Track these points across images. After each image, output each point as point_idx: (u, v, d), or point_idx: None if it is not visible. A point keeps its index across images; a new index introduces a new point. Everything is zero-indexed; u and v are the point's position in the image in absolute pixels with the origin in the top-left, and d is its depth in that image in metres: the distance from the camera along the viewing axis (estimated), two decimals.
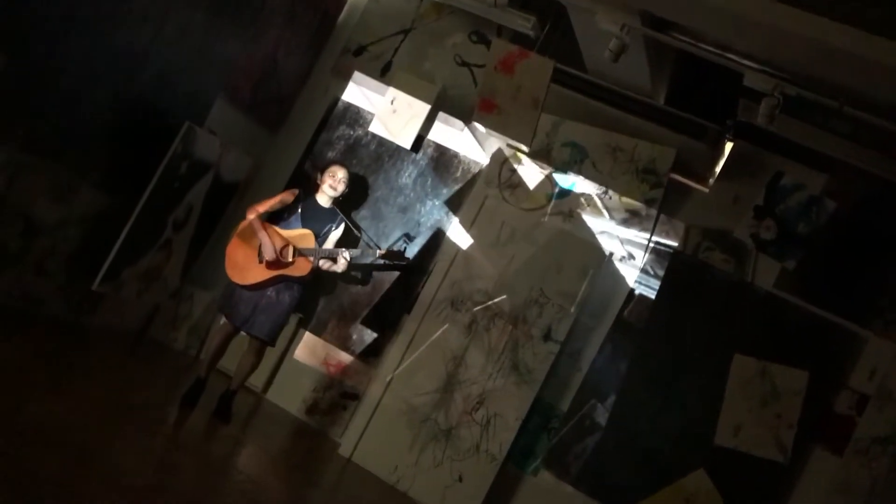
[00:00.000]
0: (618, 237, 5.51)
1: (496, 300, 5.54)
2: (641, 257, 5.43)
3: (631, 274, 5.47)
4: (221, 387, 5.19)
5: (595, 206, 5.56)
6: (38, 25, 4.28)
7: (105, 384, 4.84)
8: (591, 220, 5.61)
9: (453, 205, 5.97)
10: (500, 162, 5.81)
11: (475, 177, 5.96)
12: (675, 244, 5.41)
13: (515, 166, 5.76)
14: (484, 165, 5.94)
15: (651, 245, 5.40)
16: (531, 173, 5.73)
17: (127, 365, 5.51)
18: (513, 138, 4.77)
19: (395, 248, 5.51)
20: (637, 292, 5.41)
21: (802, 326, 4.98)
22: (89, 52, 4.66)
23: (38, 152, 4.68)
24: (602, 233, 5.58)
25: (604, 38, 4.45)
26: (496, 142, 5.77)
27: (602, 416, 5.24)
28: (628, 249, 5.51)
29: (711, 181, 5.54)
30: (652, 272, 5.41)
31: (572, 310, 5.40)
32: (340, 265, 5.18)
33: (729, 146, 5.49)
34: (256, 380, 5.80)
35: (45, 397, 3.95)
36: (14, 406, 3.62)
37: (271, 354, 5.67)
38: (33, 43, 4.25)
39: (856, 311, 4.98)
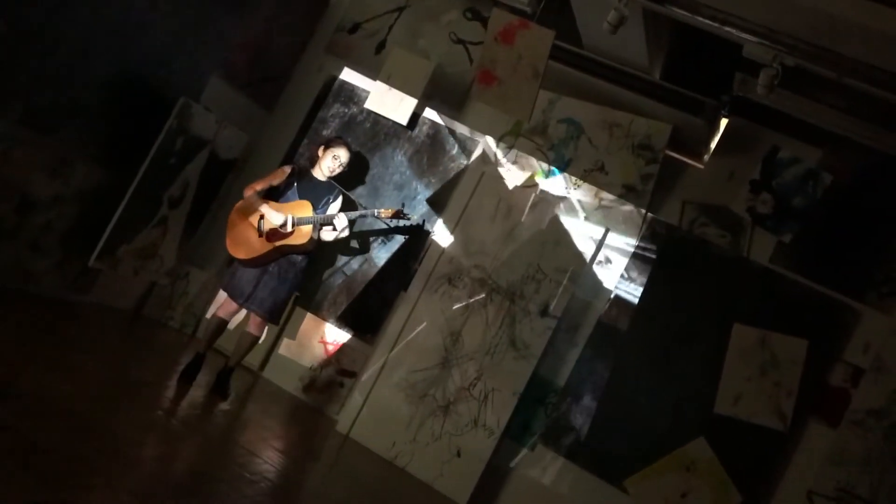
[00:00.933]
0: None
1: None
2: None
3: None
4: (219, 364, 5.20)
5: (591, 181, 5.56)
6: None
7: (103, 360, 4.83)
8: (587, 196, 5.62)
9: (449, 184, 5.98)
10: (497, 138, 5.81)
11: (473, 152, 5.97)
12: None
13: (512, 143, 5.76)
14: (480, 142, 5.94)
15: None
16: (527, 150, 5.73)
17: (124, 342, 5.50)
18: (512, 112, 4.76)
19: (396, 208, 5.50)
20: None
21: (797, 300, 5.01)
22: (86, 25, 4.62)
23: (34, 127, 4.64)
24: (598, 208, 5.59)
25: (602, 11, 4.44)
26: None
27: (599, 390, 5.27)
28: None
29: (706, 157, 5.56)
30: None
31: (567, 283, 5.42)
32: (340, 225, 5.15)
33: (724, 122, 5.51)
34: (253, 358, 5.81)
35: (45, 372, 3.94)
36: (14, 380, 3.61)
37: (268, 332, 5.67)
38: (31, 14, 4.21)
39: (851, 285, 5.02)
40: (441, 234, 5.84)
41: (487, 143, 5.90)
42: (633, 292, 5.37)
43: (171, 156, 5.38)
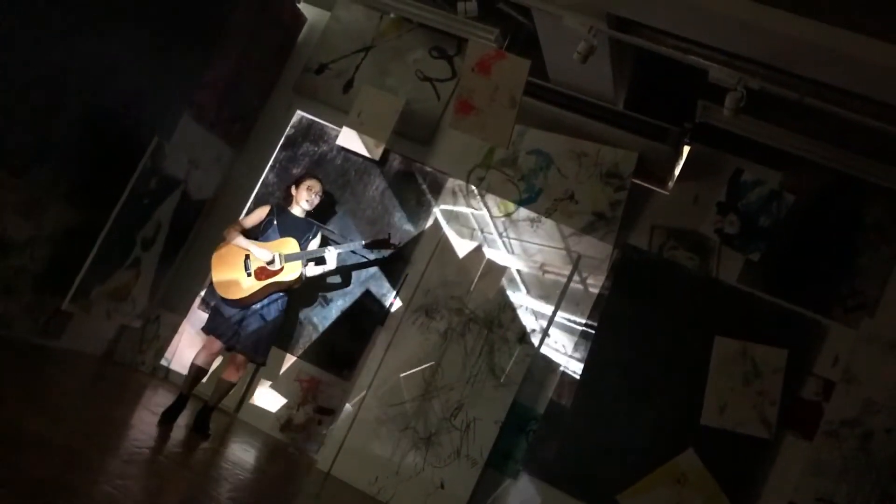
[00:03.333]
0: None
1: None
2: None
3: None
4: (196, 406, 5.14)
5: (562, 210, 5.68)
6: (8, 38, 4.24)
7: (81, 401, 4.76)
8: (558, 225, 5.74)
9: (422, 216, 6.05)
10: (468, 171, 5.91)
11: (443, 187, 6.06)
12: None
13: (483, 175, 5.88)
14: (451, 176, 6.04)
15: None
16: (498, 181, 5.84)
17: (98, 385, 5.40)
18: (490, 140, 4.88)
19: (379, 238, 5.53)
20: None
21: (767, 317, 5.16)
22: (58, 65, 4.63)
23: (7, 168, 4.60)
24: (570, 236, 5.70)
25: (568, 44, 4.62)
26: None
27: (579, 415, 5.32)
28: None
29: (671, 183, 5.74)
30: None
31: (538, 313, 5.50)
32: (330, 261, 5.18)
33: (686, 149, 5.71)
34: (228, 400, 5.72)
35: (24, 410, 3.86)
36: None
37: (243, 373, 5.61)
38: (2, 56, 4.20)
39: (817, 300, 5.19)
40: (416, 266, 5.88)
41: (459, 175, 5.99)
42: (608, 316, 5.46)
43: (145, 196, 5.37)
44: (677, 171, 5.71)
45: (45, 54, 4.51)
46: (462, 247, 5.85)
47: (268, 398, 5.94)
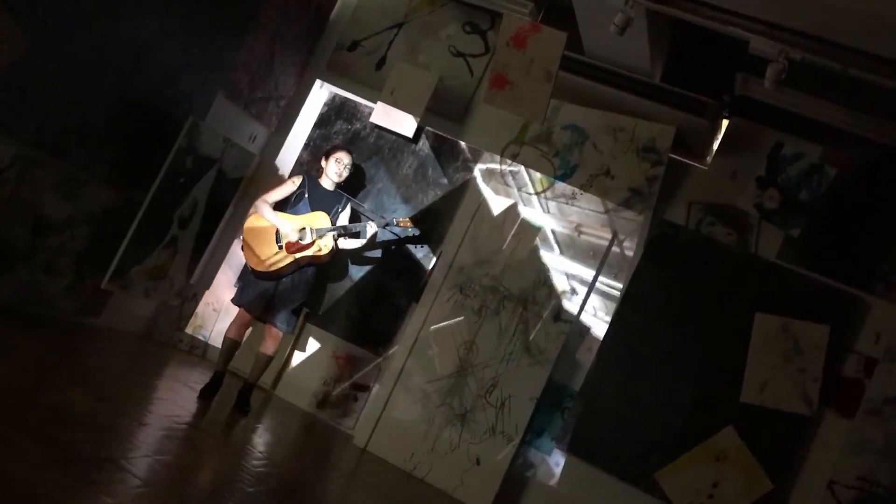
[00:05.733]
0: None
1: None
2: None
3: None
4: (235, 384, 5.21)
5: (597, 186, 5.62)
6: (45, 21, 4.27)
7: (121, 377, 4.83)
8: (593, 201, 5.69)
9: (456, 194, 6.03)
10: (502, 147, 5.87)
11: (476, 164, 6.04)
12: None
13: (517, 151, 5.83)
14: (485, 152, 6.01)
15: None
16: (533, 157, 5.79)
17: (137, 363, 5.48)
18: (525, 115, 4.83)
19: (408, 217, 5.58)
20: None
21: (807, 294, 5.07)
22: (96, 47, 4.66)
23: (47, 149, 4.66)
24: (605, 212, 5.65)
25: (604, 17, 4.54)
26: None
27: (616, 392, 5.28)
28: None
29: (709, 158, 5.64)
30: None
31: (576, 289, 5.47)
32: (369, 234, 5.24)
33: (725, 123, 5.60)
34: (265, 377, 5.78)
35: (66, 387, 3.94)
36: (39, 393, 3.61)
37: (280, 350, 5.65)
38: (43, 38, 4.23)
39: (858, 276, 5.08)
40: (450, 244, 5.87)
41: (492, 151, 5.95)
42: (644, 293, 5.40)
43: (181, 175, 5.41)
44: (716, 146, 5.61)
45: (81, 36, 4.54)
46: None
47: (304, 375, 5.99)
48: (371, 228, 5.28)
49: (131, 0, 4.77)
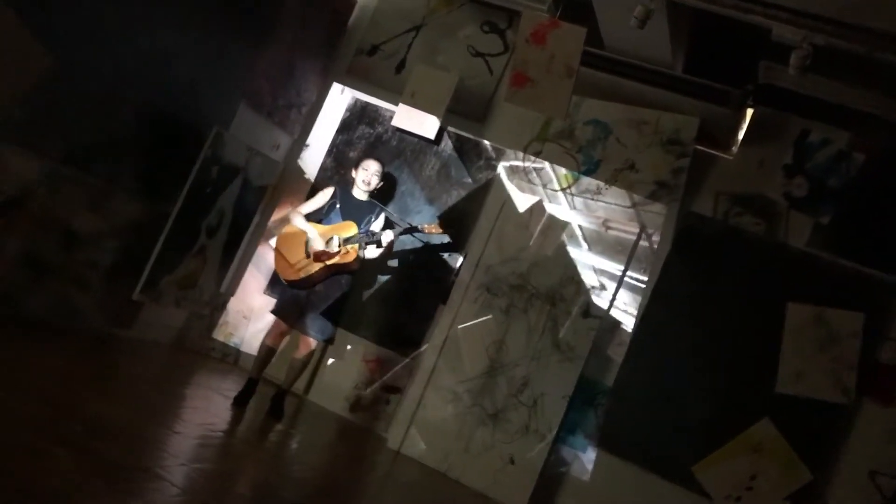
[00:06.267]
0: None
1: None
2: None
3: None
4: (268, 391, 5.25)
5: (622, 180, 5.59)
6: (67, 36, 4.32)
7: (155, 387, 4.87)
8: (619, 196, 5.65)
9: (479, 194, 6.03)
10: (524, 145, 5.86)
11: (500, 163, 6.03)
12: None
13: (540, 148, 5.81)
14: (507, 150, 5.99)
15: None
16: (556, 154, 5.77)
17: (170, 372, 5.54)
18: (547, 111, 4.83)
19: (432, 222, 5.55)
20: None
21: (839, 281, 4.99)
22: (117, 61, 4.71)
23: (75, 164, 4.71)
24: (632, 206, 5.61)
25: (624, 8, 4.52)
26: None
27: (648, 387, 5.24)
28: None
29: (734, 148, 5.59)
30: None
31: (605, 285, 5.44)
32: (387, 241, 5.22)
33: (750, 112, 5.55)
34: (297, 382, 5.79)
35: (101, 399, 3.99)
36: (73, 405, 3.65)
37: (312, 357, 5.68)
38: (66, 54, 4.28)
39: (891, 262, 5.00)
40: (476, 244, 5.86)
41: (514, 149, 5.94)
42: (673, 286, 5.36)
43: (207, 185, 5.46)
44: (741, 135, 5.55)
45: (103, 50, 4.59)
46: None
47: (336, 379, 6.01)
48: (387, 236, 5.25)
49: (151, 14, 4.81)
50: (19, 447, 2.83)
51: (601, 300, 5.56)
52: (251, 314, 6.22)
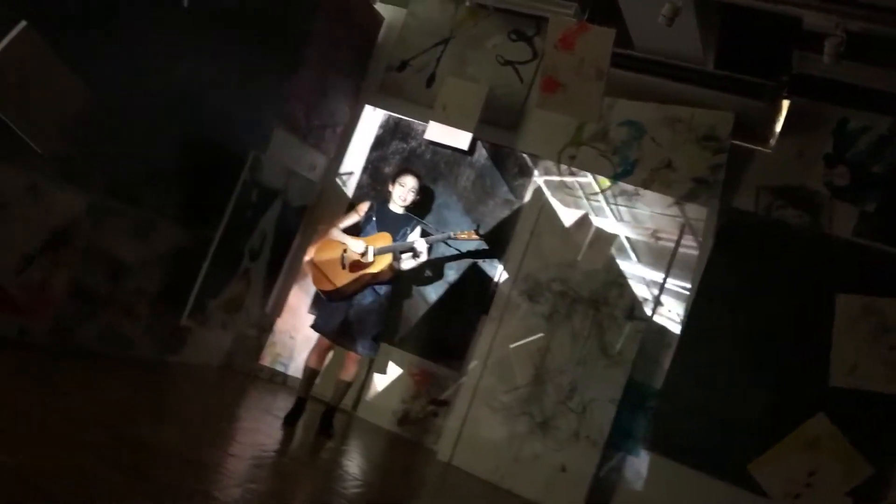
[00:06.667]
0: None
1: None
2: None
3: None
4: (318, 409, 5.29)
5: (660, 180, 5.55)
6: (108, 69, 4.43)
7: (206, 410, 4.94)
8: (657, 196, 5.61)
9: (516, 200, 6.03)
10: (559, 151, 5.85)
11: (535, 169, 6.02)
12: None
13: (574, 153, 5.80)
14: (542, 156, 5.98)
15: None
16: (591, 157, 5.75)
17: (220, 394, 5.61)
18: (579, 115, 4.83)
19: (468, 229, 5.53)
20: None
21: (888, 269, 4.89)
22: (155, 93, 4.81)
23: (117, 195, 4.82)
24: (671, 205, 5.56)
25: (652, 7, 4.51)
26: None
27: (698, 388, 5.17)
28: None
29: (772, 141, 5.52)
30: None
31: (650, 287, 5.39)
32: (421, 249, 5.22)
33: (786, 103, 5.48)
34: (345, 399, 5.84)
35: (154, 424, 4.06)
36: (128, 431, 3.72)
37: (357, 372, 5.70)
38: (104, 88, 4.38)
39: None
40: (515, 252, 5.85)
41: (549, 156, 5.92)
42: (718, 284, 5.29)
43: (248, 209, 5.54)
44: (778, 128, 5.48)
45: (140, 83, 4.69)
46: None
47: (383, 394, 6.04)
48: (420, 245, 5.24)
49: (185, 44, 4.91)
50: (77, 473, 2.89)
51: (646, 302, 5.51)
52: (297, 334, 6.28)
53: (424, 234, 5.49)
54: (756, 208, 5.38)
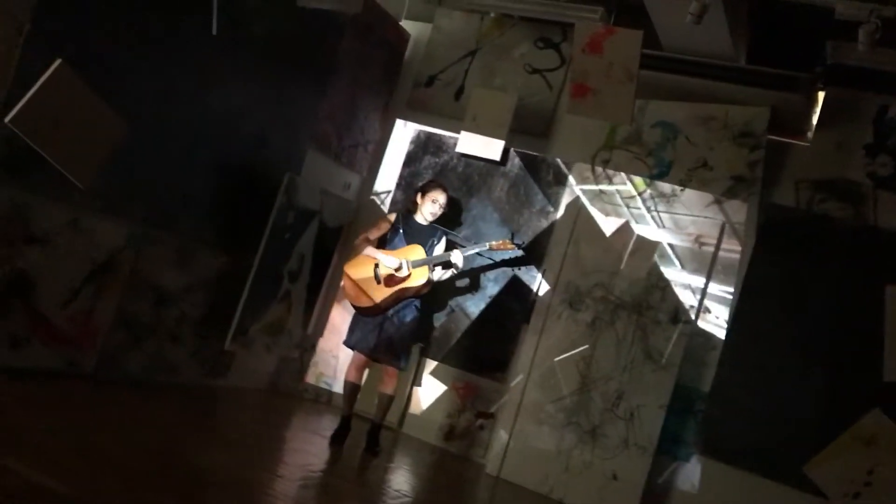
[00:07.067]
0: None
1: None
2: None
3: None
4: (363, 426, 5.29)
5: (697, 180, 5.48)
6: (141, 99, 4.50)
7: (253, 433, 4.97)
8: (695, 196, 5.54)
9: (552, 208, 5.99)
10: (592, 155, 5.81)
11: (569, 176, 5.98)
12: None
13: (608, 157, 5.75)
14: (576, 162, 5.95)
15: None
16: (625, 160, 5.70)
17: (267, 416, 5.64)
18: (611, 118, 4.80)
19: (503, 239, 5.51)
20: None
21: None
22: (188, 120, 4.88)
23: (157, 223, 4.89)
24: (709, 205, 5.48)
25: (678, 6, 4.46)
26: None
27: (747, 388, 5.07)
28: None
29: (810, 133, 5.43)
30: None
31: (692, 290, 5.31)
32: (457, 261, 5.22)
33: (821, 95, 5.38)
34: (390, 416, 5.83)
35: (202, 448, 4.10)
36: (178, 456, 3.75)
37: (400, 388, 5.69)
38: (139, 118, 4.45)
39: None
40: (553, 259, 5.81)
41: (583, 161, 5.88)
42: (762, 282, 5.20)
43: (286, 231, 5.58)
44: (815, 120, 5.39)
45: (174, 112, 4.77)
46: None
47: (428, 409, 6.02)
48: (457, 256, 5.24)
49: (216, 71, 4.98)
50: (129, 498, 2.91)
51: (690, 305, 5.42)
52: (340, 353, 6.29)
53: (450, 244, 5.50)
54: (797, 203, 5.28)
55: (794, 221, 5.22)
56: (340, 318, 6.37)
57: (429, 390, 6.05)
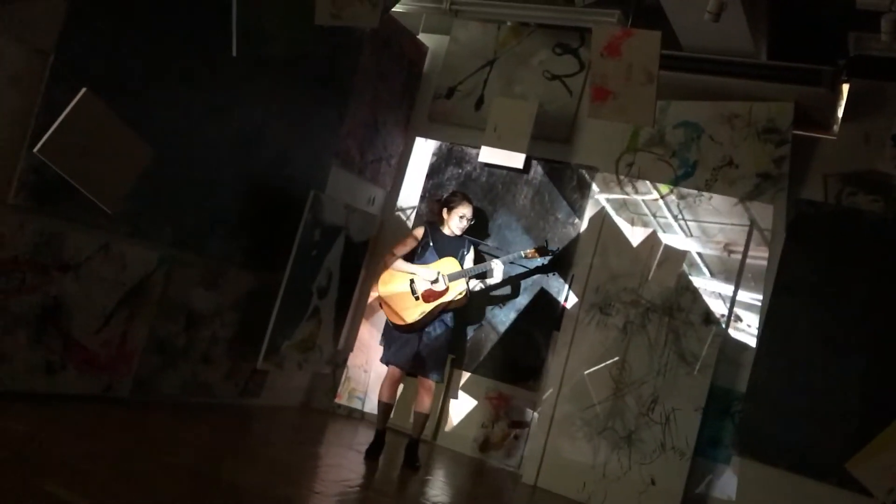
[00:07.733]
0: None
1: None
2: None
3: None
4: (396, 440, 5.28)
5: (723, 179, 5.43)
6: (167, 123, 4.56)
7: (289, 450, 4.98)
8: (722, 195, 5.48)
9: (578, 214, 5.97)
10: (615, 160, 5.78)
11: (593, 181, 5.95)
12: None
13: (632, 160, 5.72)
14: (599, 167, 5.92)
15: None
16: (649, 163, 5.66)
17: (301, 434, 5.65)
18: (633, 120, 4.78)
19: (537, 246, 5.55)
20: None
21: None
22: (213, 142, 4.94)
23: (185, 246, 4.93)
24: (736, 204, 5.43)
25: (696, 5, 4.44)
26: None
27: (784, 387, 5.01)
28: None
29: (836, 127, 5.37)
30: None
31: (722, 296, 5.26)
32: (497, 274, 5.25)
33: (846, 87, 5.33)
34: (425, 429, 5.82)
35: (239, 467, 4.11)
36: (214, 475, 3.77)
37: (434, 400, 5.68)
38: (165, 143, 4.50)
39: None
40: (581, 265, 5.78)
41: (606, 165, 5.85)
42: (795, 279, 5.13)
43: (312, 248, 5.61)
44: (840, 113, 5.33)
45: (199, 134, 4.82)
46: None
47: (462, 421, 6.00)
48: (497, 266, 5.26)
49: (239, 92, 5.03)
50: None
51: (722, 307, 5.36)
52: (371, 368, 6.31)
53: (480, 253, 5.50)
54: (825, 197, 5.23)
55: (823, 216, 5.17)
56: (369, 334, 6.39)
57: (463, 401, 6.04)
